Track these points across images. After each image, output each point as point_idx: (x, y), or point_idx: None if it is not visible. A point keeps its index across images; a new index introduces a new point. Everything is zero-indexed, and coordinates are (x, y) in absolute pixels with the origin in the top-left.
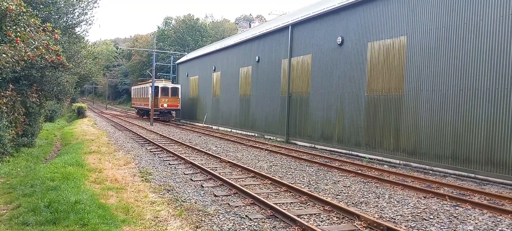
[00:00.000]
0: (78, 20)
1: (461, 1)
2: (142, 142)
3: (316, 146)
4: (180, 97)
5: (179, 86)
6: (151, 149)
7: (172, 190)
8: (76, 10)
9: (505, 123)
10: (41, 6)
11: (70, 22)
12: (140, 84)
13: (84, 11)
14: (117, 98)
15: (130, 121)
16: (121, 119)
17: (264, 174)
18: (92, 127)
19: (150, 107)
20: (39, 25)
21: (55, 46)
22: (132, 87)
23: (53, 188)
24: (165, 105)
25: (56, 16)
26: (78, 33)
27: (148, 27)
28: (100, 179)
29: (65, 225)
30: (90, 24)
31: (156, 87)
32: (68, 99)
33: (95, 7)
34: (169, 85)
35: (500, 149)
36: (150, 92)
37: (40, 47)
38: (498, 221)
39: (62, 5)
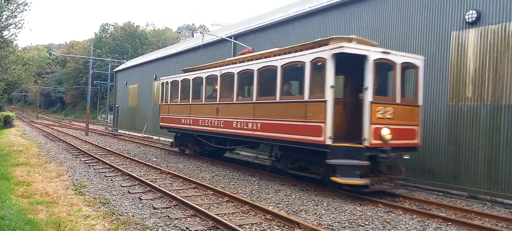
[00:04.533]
0: (6, 23)
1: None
2: (76, 153)
3: (258, 155)
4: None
5: (419, 62)
6: (86, 160)
7: (108, 203)
8: (4, 13)
9: (433, 133)
10: None
11: None
12: (229, 64)
13: (13, 14)
14: (49, 107)
15: (65, 132)
16: (54, 129)
17: (206, 184)
18: (20, 137)
19: (296, 136)
20: None
21: None
22: (183, 77)
23: None
24: (387, 133)
25: None
26: (6, 37)
27: (84, 33)
28: (29, 193)
29: None
30: (19, 28)
31: (358, 58)
32: None
33: (26, 10)
34: (399, 57)
35: (430, 158)
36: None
37: None
38: (425, 225)
39: None
